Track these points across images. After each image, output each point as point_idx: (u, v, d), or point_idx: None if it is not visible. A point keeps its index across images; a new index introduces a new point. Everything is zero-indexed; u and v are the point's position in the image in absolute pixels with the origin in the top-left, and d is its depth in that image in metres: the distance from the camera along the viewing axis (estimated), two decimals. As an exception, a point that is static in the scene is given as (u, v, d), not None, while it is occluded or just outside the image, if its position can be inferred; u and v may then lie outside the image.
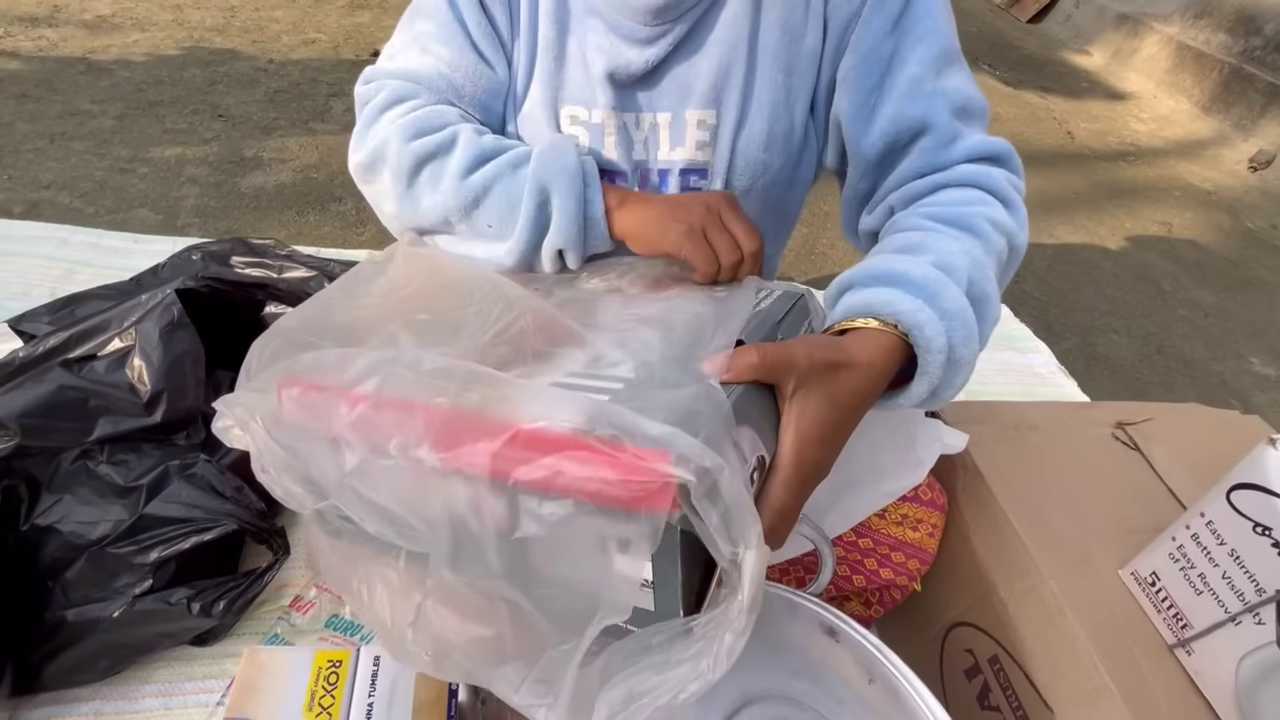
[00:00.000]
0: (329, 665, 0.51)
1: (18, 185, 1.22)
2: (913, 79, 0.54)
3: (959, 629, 0.73)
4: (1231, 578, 0.54)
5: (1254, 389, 1.58)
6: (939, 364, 0.42)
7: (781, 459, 0.36)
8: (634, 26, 0.55)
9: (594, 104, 0.57)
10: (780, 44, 0.57)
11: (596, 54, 0.56)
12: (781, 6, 0.56)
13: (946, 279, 0.43)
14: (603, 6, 0.55)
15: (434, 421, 0.31)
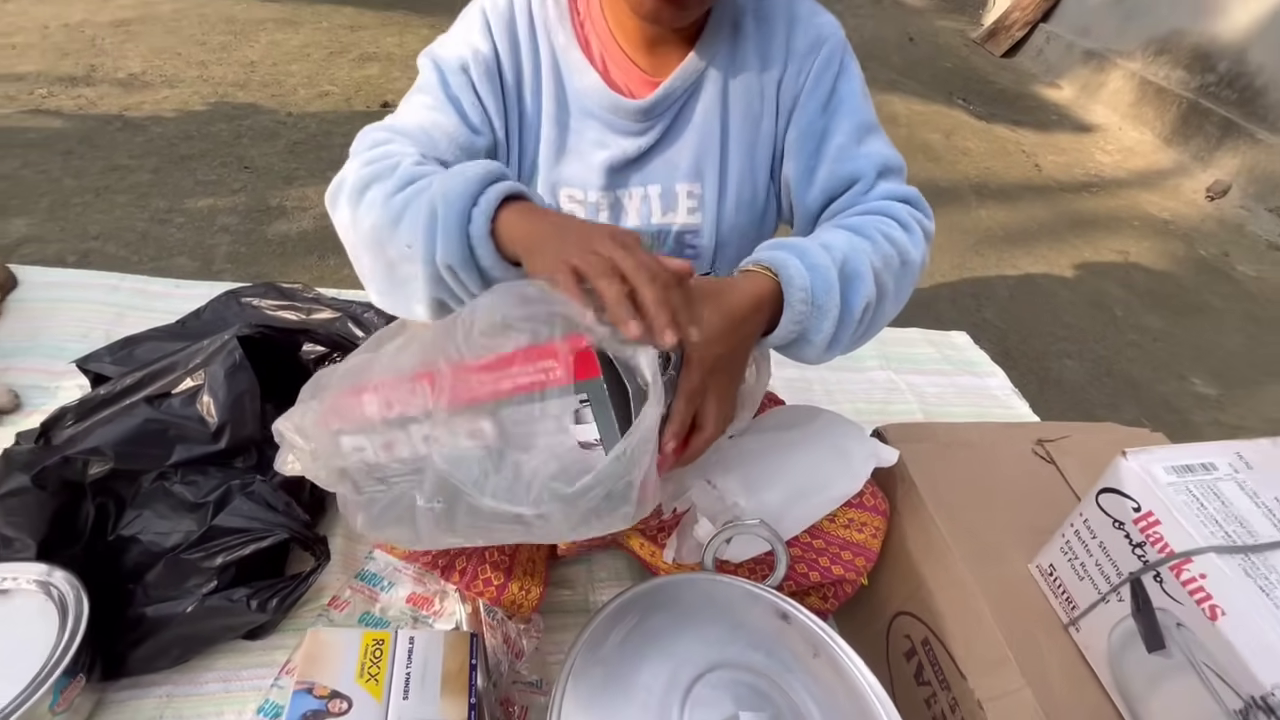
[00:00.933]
0: (374, 643, 0.63)
1: (69, 236, 1.36)
2: (840, 147, 0.69)
3: (900, 618, 0.85)
4: (1101, 565, 0.67)
5: (1194, 408, 1.72)
6: (801, 301, 0.56)
7: (690, 356, 0.50)
8: (627, 124, 0.68)
9: (590, 186, 0.70)
10: (744, 126, 0.71)
11: (594, 148, 0.69)
12: (744, 98, 0.70)
13: (821, 249, 0.58)
14: (598, 110, 0.68)
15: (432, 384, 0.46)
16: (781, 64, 0.69)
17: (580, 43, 0.68)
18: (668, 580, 0.73)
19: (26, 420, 0.99)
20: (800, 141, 0.70)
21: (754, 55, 0.69)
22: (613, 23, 0.67)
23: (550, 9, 0.67)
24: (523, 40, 0.66)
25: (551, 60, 0.67)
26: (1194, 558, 0.57)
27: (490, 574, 0.78)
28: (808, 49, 0.68)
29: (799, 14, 0.69)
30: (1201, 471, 0.64)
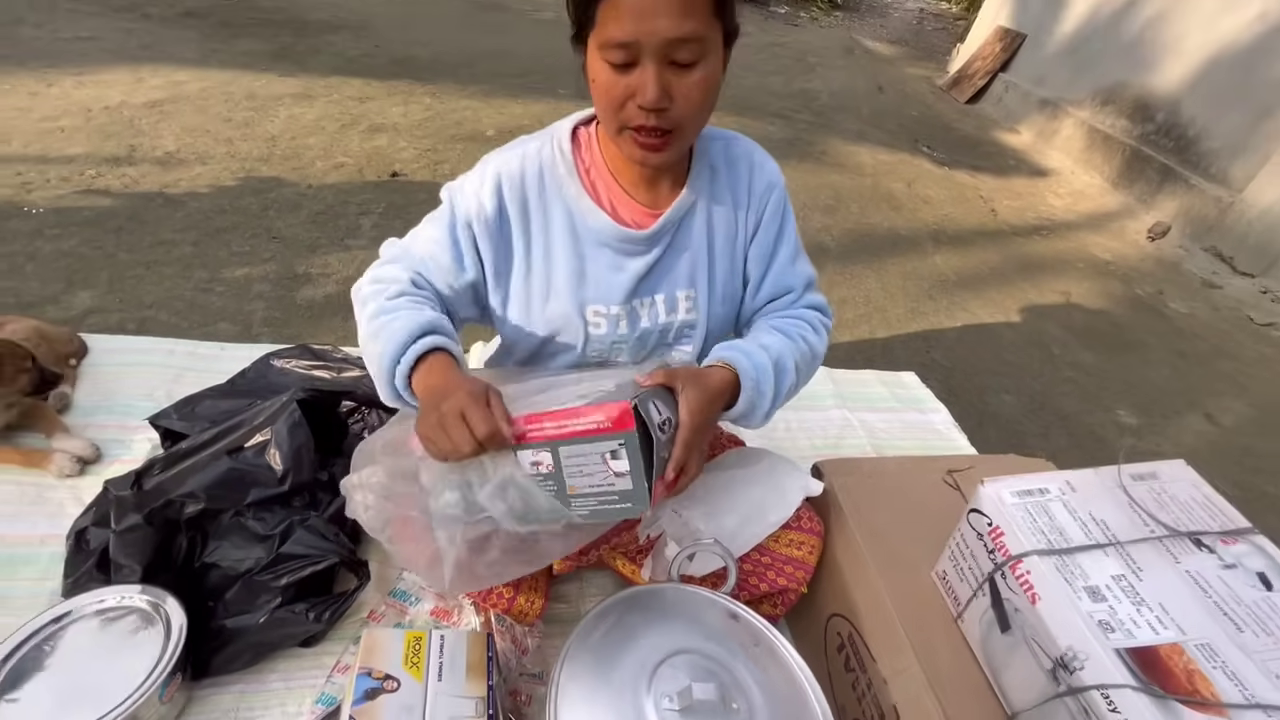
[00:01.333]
0: (415, 640, 0.82)
1: (127, 306, 1.56)
2: (782, 266, 0.94)
3: (833, 619, 1.05)
4: (972, 568, 0.87)
5: (1116, 436, 1.94)
6: (751, 389, 0.81)
7: (682, 420, 0.73)
8: (635, 248, 0.87)
9: (611, 302, 0.87)
10: (724, 243, 0.93)
11: (611, 272, 0.87)
12: (722, 221, 0.92)
13: (761, 350, 0.84)
14: (611, 241, 0.86)
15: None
16: (746, 197, 0.91)
17: (589, 191, 0.86)
18: (642, 589, 0.93)
19: (107, 469, 1.18)
20: (756, 260, 0.94)
21: (727, 190, 0.91)
22: (614, 170, 0.86)
23: (560, 167, 0.85)
24: (532, 200, 0.82)
25: (565, 209, 0.85)
26: (1023, 559, 0.78)
27: (502, 589, 0.97)
28: (763, 190, 0.91)
29: (755, 160, 0.92)
30: (1038, 495, 0.85)
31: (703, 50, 0.70)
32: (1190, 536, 0.80)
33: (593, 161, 0.87)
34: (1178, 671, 0.66)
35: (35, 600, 0.97)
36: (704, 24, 0.69)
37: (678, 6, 0.66)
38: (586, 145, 0.88)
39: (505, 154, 0.85)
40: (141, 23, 3.31)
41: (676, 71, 0.71)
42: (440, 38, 4.20)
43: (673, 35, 0.67)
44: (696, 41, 0.69)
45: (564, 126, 0.87)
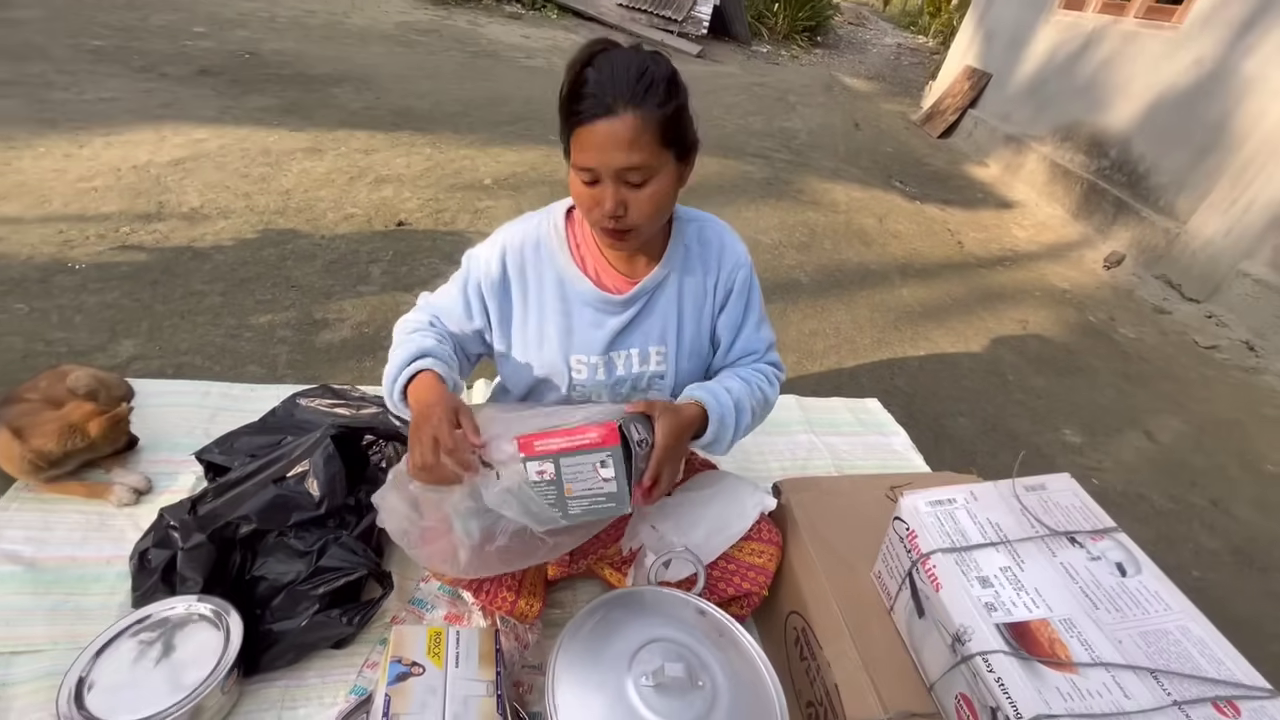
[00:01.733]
0: (435, 635, 0.99)
1: (165, 353, 1.75)
2: (749, 333, 1.15)
3: (791, 616, 1.22)
4: (896, 566, 1.05)
5: (1060, 454, 2.13)
6: (716, 423, 1.01)
7: (656, 441, 0.92)
8: (613, 309, 1.07)
9: (592, 352, 1.07)
10: (692, 309, 1.12)
11: (592, 328, 1.06)
12: (691, 292, 1.10)
13: (726, 394, 1.04)
14: (592, 301, 1.05)
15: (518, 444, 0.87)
16: (715, 273, 1.11)
17: (577, 262, 1.05)
18: (624, 591, 1.11)
19: (158, 499, 1.35)
20: (727, 327, 1.14)
21: (698, 265, 1.10)
22: (600, 246, 1.06)
23: (554, 241, 1.04)
24: (529, 266, 1.03)
25: (556, 275, 1.05)
26: (930, 556, 0.96)
27: (505, 593, 1.14)
28: (732, 268, 1.11)
29: (726, 243, 1.11)
30: (947, 504, 1.03)
31: (651, 173, 0.89)
32: (1066, 535, 0.98)
33: (583, 237, 1.07)
34: (1043, 640, 0.84)
35: (106, 611, 1.14)
36: (651, 155, 0.88)
37: (626, 144, 0.86)
38: (580, 224, 1.08)
39: (511, 228, 1.07)
40: (160, 82, 3.54)
41: (631, 189, 0.90)
42: (437, 88, 4.47)
43: (623, 165, 0.87)
44: (645, 168, 0.88)
45: (559, 208, 1.08)
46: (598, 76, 0.86)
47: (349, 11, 6.00)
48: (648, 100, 0.86)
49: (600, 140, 0.86)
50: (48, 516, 1.28)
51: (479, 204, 2.93)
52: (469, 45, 5.85)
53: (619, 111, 0.85)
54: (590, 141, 0.87)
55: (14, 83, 3.13)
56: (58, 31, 3.93)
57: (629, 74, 0.86)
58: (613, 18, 8.17)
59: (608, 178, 0.89)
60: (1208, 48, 3.80)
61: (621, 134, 0.86)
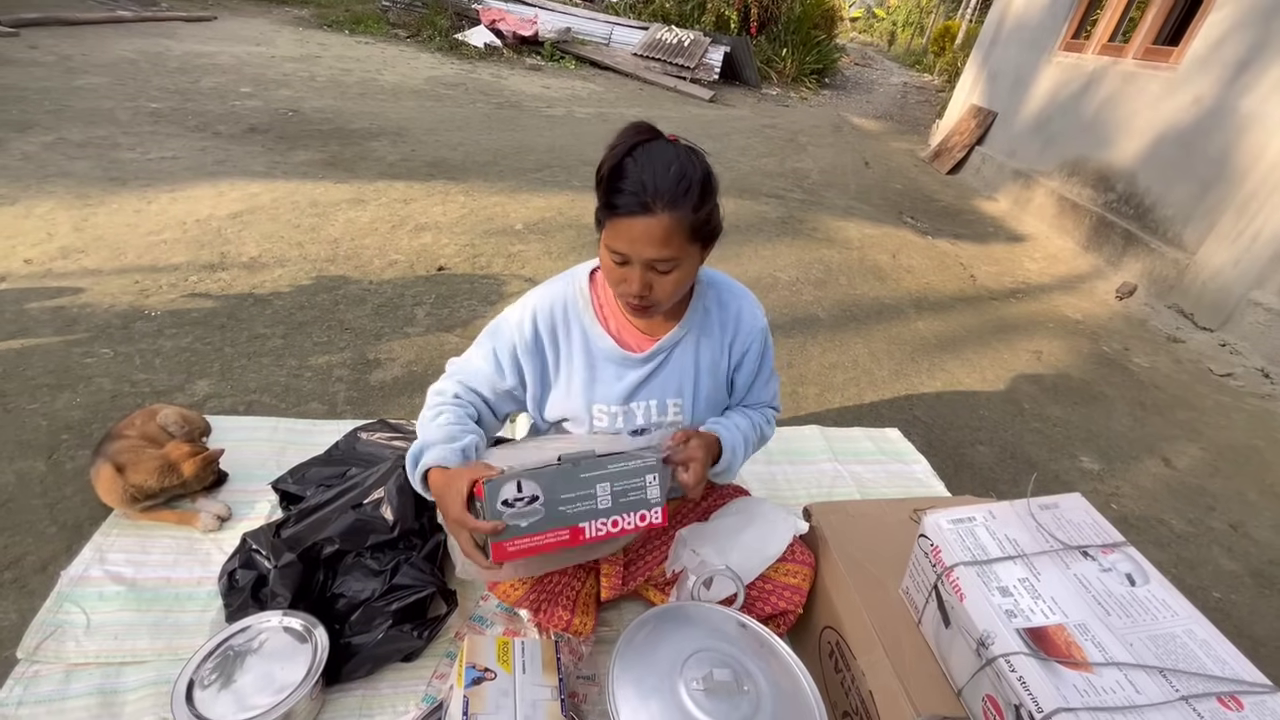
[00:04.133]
0: (503, 644, 1.10)
1: (237, 392, 1.90)
2: (760, 386, 1.30)
3: (825, 630, 1.30)
4: (923, 581, 1.14)
5: (1078, 480, 2.20)
6: (729, 453, 1.18)
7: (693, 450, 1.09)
8: (633, 364, 1.19)
9: (612, 402, 1.19)
10: (709, 367, 1.23)
11: (614, 380, 1.18)
12: (708, 350, 1.22)
13: (736, 429, 1.21)
14: (614, 357, 1.14)
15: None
16: (732, 333, 1.22)
17: (601, 322, 1.14)
18: (670, 606, 1.21)
19: (238, 525, 1.48)
20: (743, 382, 1.27)
21: (716, 328, 1.21)
22: (623, 308, 1.14)
23: (579, 302, 1.14)
24: (559, 328, 1.13)
25: (582, 333, 1.14)
26: (954, 569, 1.05)
27: (561, 612, 1.24)
28: (746, 332, 1.22)
29: (744, 309, 1.23)
30: (967, 521, 1.13)
31: (677, 263, 0.99)
32: (1079, 549, 1.07)
33: (606, 299, 1.18)
34: (1060, 643, 0.93)
35: (200, 627, 1.26)
36: (679, 249, 0.97)
37: (659, 241, 0.95)
38: (602, 285, 1.19)
39: (539, 293, 1.16)
40: (214, 140, 3.81)
41: (656, 274, 1.00)
42: (467, 139, 4.73)
43: (654, 258, 0.97)
44: (672, 259, 0.98)
45: (583, 272, 1.19)
46: (638, 173, 0.93)
47: (381, 69, 6.37)
48: (683, 204, 0.94)
49: (636, 234, 0.95)
50: (144, 541, 1.41)
51: (512, 248, 3.11)
52: (494, 97, 6.17)
53: (656, 212, 0.93)
54: (625, 233, 0.96)
55: (86, 144, 3.40)
56: (120, 96, 4.25)
57: (668, 176, 0.93)
58: (628, 67, 8.55)
59: (637, 263, 0.98)
60: (1206, 87, 3.94)
61: (655, 232, 0.94)
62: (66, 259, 2.37)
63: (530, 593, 1.21)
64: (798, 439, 2.10)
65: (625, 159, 0.96)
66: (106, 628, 1.23)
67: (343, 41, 7.23)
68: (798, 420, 2.20)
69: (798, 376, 2.49)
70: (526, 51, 8.44)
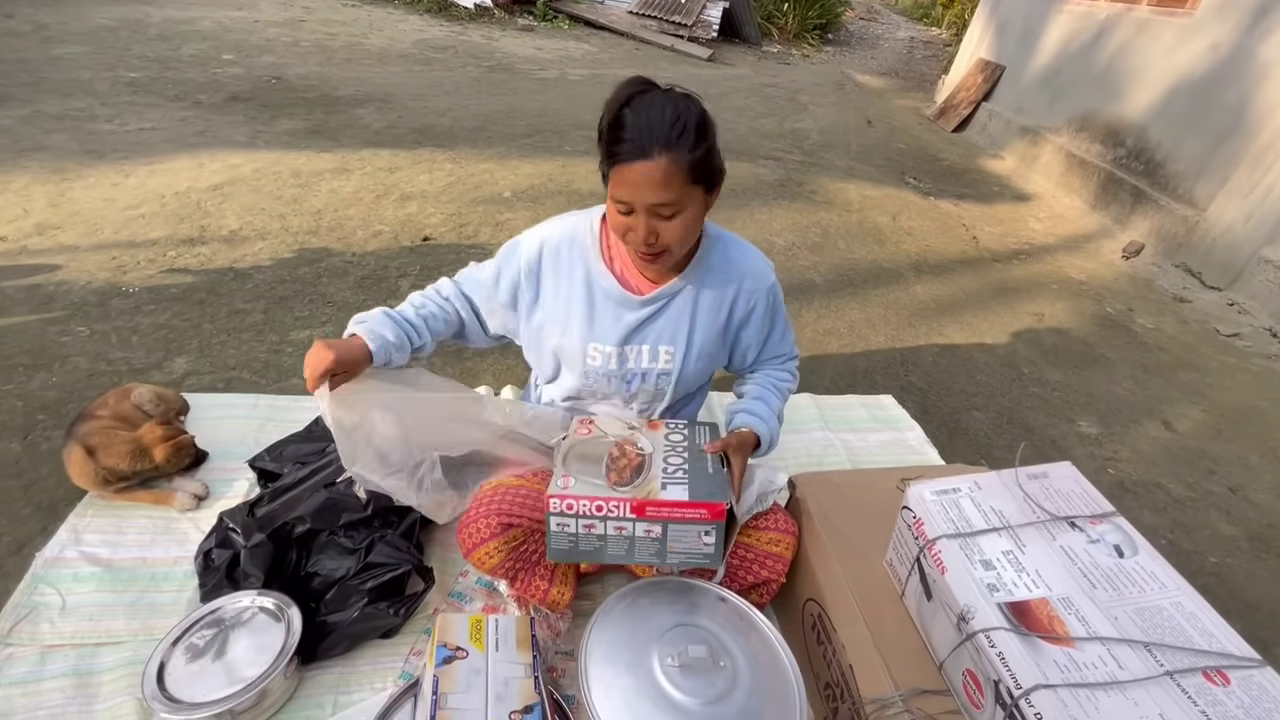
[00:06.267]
0: (476, 622, 1.08)
1: (216, 368, 1.87)
2: (775, 341, 1.29)
3: (808, 603, 1.28)
4: (905, 553, 1.12)
5: (1076, 445, 2.16)
6: (767, 440, 1.22)
7: (734, 471, 1.12)
8: (632, 306, 1.17)
9: (608, 342, 1.18)
10: (708, 315, 1.20)
11: (613, 321, 1.17)
12: (707, 301, 1.19)
13: (773, 417, 1.25)
14: (614, 295, 1.16)
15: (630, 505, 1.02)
16: (736, 288, 1.20)
17: (606, 261, 1.16)
18: (651, 579, 1.19)
19: (216, 504, 1.46)
20: (753, 342, 1.26)
21: (718, 281, 1.19)
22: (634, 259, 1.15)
23: (588, 240, 1.16)
24: (564, 260, 1.15)
25: (585, 269, 1.16)
26: (936, 542, 1.02)
27: (539, 582, 1.23)
28: (753, 287, 1.20)
29: (750, 265, 1.21)
30: (951, 493, 1.09)
31: (681, 207, 1.00)
32: (1066, 520, 1.04)
33: (615, 242, 1.17)
34: (1042, 617, 0.90)
35: (177, 606, 1.25)
36: (681, 193, 0.98)
37: (659, 185, 0.96)
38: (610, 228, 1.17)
39: (555, 223, 1.20)
40: (194, 110, 3.72)
41: (662, 220, 1.01)
42: (455, 104, 4.60)
43: (656, 202, 0.98)
44: (675, 203, 0.99)
45: (598, 213, 1.19)
46: (635, 120, 0.96)
47: (368, 33, 6.18)
48: (680, 146, 0.96)
49: (636, 179, 0.97)
50: (120, 522, 1.39)
51: (500, 217, 3.03)
52: (484, 60, 5.99)
53: (653, 156, 0.95)
54: (627, 179, 0.97)
55: (63, 116, 3.32)
56: (98, 65, 4.14)
57: (664, 120, 0.95)
58: (624, 26, 8.28)
59: (641, 210, 1.00)
60: (1222, 34, 3.77)
61: (655, 176, 0.96)
62: (42, 235, 2.32)
63: (507, 560, 1.18)
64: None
65: (623, 110, 0.97)
66: (82, 609, 1.22)
67: (328, 4, 7.01)
68: (790, 388, 2.16)
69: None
70: (519, 11, 8.18)
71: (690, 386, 1.28)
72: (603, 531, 1.03)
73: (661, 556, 1.06)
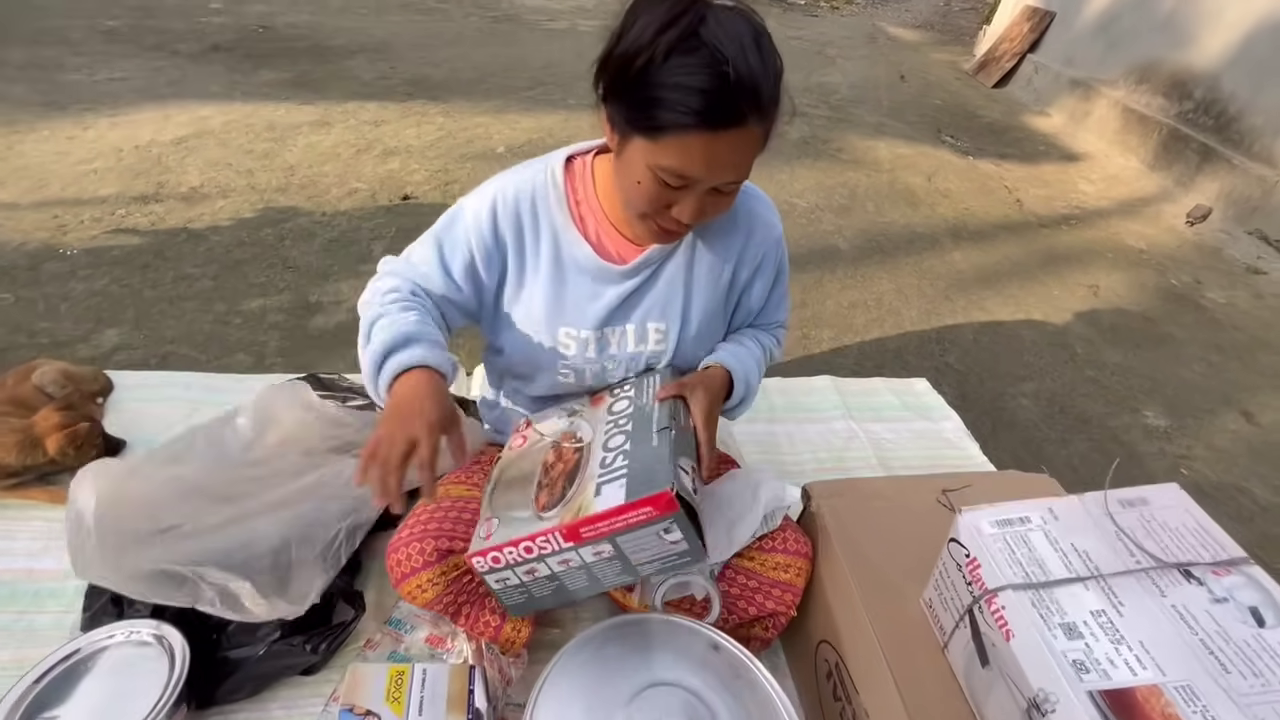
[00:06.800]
0: (398, 674, 0.85)
1: (151, 342, 1.65)
2: (773, 305, 1.05)
3: (821, 645, 1.04)
4: (953, 598, 0.86)
5: (1142, 440, 1.86)
6: (742, 385, 0.96)
7: (695, 417, 0.86)
8: (612, 279, 0.91)
9: (583, 326, 0.92)
10: (707, 280, 0.94)
11: (588, 300, 0.91)
12: (707, 261, 0.93)
13: (750, 356, 0.99)
14: (589, 267, 0.90)
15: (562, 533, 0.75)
16: (741, 243, 0.94)
17: (575, 221, 0.89)
18: (626, 619, 0.94)
19: (128, 503, 1.25)
20: (756, 304, 1.03)
21: (718, 234, 0.93)
22: (606, 206, 0.89)
23: (551, 196, 0.88)
24: (526, 226, 0.87)
25: (552, 236, 0.88)
26: (998, 593, 0.76)
27: (489, 617, 0.99)
28: (760, 240, 0.95)
29: (755, 210, 0.94)
30: (1018, 524, 0.83)
31: (746, 177, 0.77)
32: (1179, 568, 0.77)
33: (585, 194, 0.90)
34: (1155, 716, 0.64)
35: (59, 632, 1.04)
36: (753, 163, 0.75)
37: (744, 163, 0.73)
38: (580, 176, 0.91)
39: (504, 179, 0.90)
40: (170, 60, 3.46)
41: (717, 196, 0.77)
42: (455, 55, 4.28)
43: (731, 179, 0.74)
44: (744, 176, 0.76)
45: (559, 157, 0.91)
46: (718, 64, 0.66)
47: (367, -20, 5.83)
48: (775, 105, 0.71)
49: (718, 153, 0.70)
50: (11, 524, 1.19)
51: (490, 174, 2.75)
52: (490, 9, 5.63)
53: (749, 123, 0.69)
54: (701, 151, 0.70)
55: (28, 65, 3.09)
56: (77, 14, 3.89)
57: (761, 64, 0.68)
58: (640, -26, 7.78)
59: (697, 188, 0.74)
60: (1319, -36, 3.29)
61: (743, 150, 0.72)
62: (-21, 192, 2.11)
63: (445, 594, 0.94)
64: (806, 392, 1.80)
65: (690, 40, 0.67)
66: (-53, 632, 1.02)
67: (327, -48, 6.64)
68: (808, 369, 1.88)
69: (811, 318, 2.16)
70: (529, -40, 7.72)
71: (687, 368, 1.01)
72: (550, 571, 0.79)
73: (633, 573, 0.80)
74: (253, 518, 1.01)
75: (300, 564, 0.99)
